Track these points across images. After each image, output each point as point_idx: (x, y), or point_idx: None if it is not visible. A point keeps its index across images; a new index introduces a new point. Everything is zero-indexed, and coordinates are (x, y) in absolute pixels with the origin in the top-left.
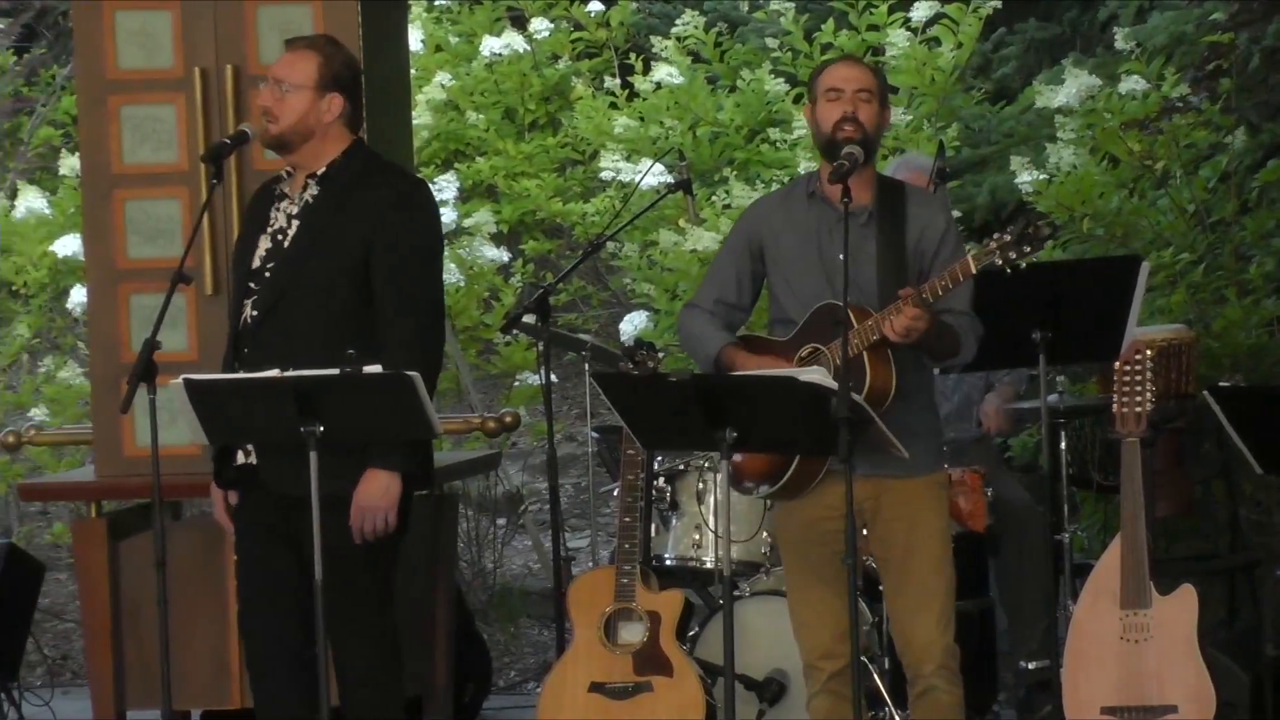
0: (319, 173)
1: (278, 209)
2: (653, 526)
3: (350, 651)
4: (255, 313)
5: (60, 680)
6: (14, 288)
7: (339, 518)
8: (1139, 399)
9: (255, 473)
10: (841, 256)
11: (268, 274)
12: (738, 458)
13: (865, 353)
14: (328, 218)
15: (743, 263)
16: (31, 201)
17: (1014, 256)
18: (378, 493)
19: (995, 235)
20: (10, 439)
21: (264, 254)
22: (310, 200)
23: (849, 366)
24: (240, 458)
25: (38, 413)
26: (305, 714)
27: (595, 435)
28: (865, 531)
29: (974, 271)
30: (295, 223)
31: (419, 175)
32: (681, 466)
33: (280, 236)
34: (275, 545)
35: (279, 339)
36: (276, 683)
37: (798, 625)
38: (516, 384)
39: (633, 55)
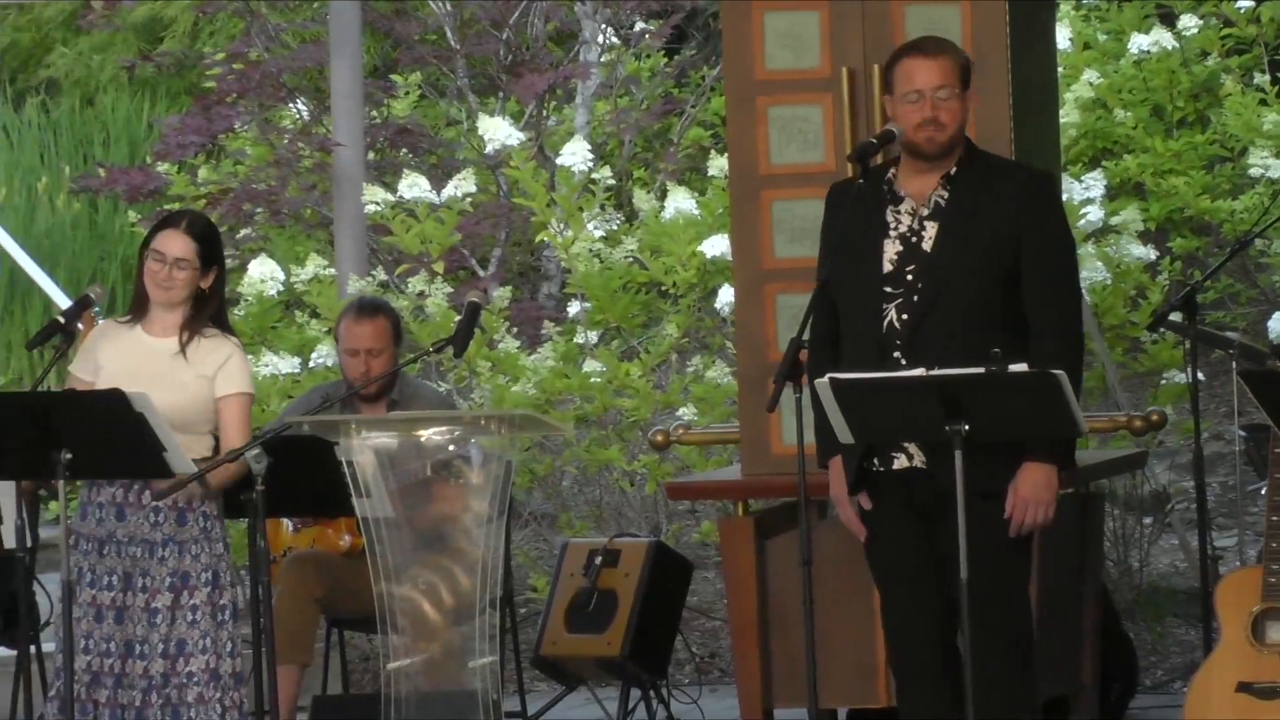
0: (950, 173)
1: (897, 211)
2: None
3: (990, 650)
4: (904, 316)
5: (708, 678)
6: (663, 288)
7: (984, 514)
8: None
9: (899, 477)
10: None
11: (909, 276)
12: None
13: None
14: (969, 217)
15: None
16: (680, 202)
17: None
18: (1041, 485)
19: None
20: (659, 438)
21: (896, 257)
22: (941, 201)
23: None
24: (903, 460)
25: (686, 412)
26: (950, 715)
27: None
28: None
29: None
30: (930, 224)
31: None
32: None
33: (914, 239)
34: (916, 548)
35: (936, 340)
36: (925, 685)
37: None
38: (1163, 382)
39: None
